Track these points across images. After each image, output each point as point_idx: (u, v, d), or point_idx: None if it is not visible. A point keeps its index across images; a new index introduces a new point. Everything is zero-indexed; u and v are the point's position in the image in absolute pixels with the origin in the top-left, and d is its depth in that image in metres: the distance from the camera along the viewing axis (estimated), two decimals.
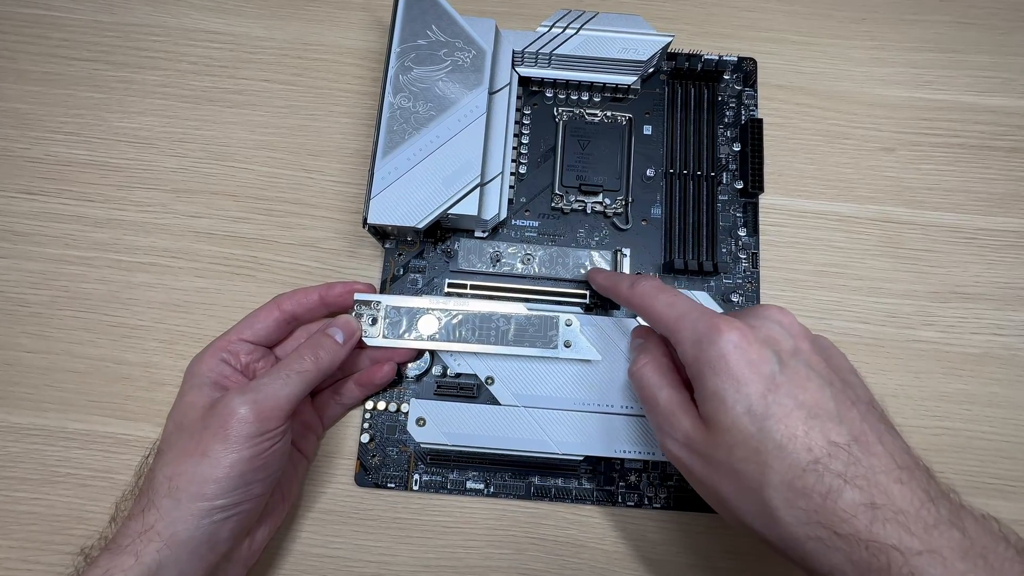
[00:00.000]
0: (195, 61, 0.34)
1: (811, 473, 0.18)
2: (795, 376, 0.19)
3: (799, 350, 0.20)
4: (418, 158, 0.28)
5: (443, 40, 0.30)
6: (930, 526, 0.17)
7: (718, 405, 0.19)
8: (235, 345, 0.26)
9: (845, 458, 0.18)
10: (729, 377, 0.19)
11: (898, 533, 0.17)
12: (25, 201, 0.31)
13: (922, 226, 0.32)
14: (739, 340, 0.19)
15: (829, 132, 0.34)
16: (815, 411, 0.19)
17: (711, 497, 0.21)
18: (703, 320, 0.20)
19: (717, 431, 0.19)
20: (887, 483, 0.17)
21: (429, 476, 0.28)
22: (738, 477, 0.19)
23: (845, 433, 0.18)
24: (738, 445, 0.19)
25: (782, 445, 0.18)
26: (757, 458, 0.18)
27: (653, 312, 0.23)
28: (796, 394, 0.19)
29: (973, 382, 0.30)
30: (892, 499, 0.17)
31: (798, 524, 0.18)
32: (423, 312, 0.28)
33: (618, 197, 0.32)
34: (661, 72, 0.33)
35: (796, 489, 0.18)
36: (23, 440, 0.28)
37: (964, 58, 0.35)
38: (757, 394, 0.19)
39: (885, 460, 0.18)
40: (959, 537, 0.17)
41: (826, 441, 0.18)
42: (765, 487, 0.18)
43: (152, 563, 0.20)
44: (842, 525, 0.17)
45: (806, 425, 0.18)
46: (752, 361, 0.19)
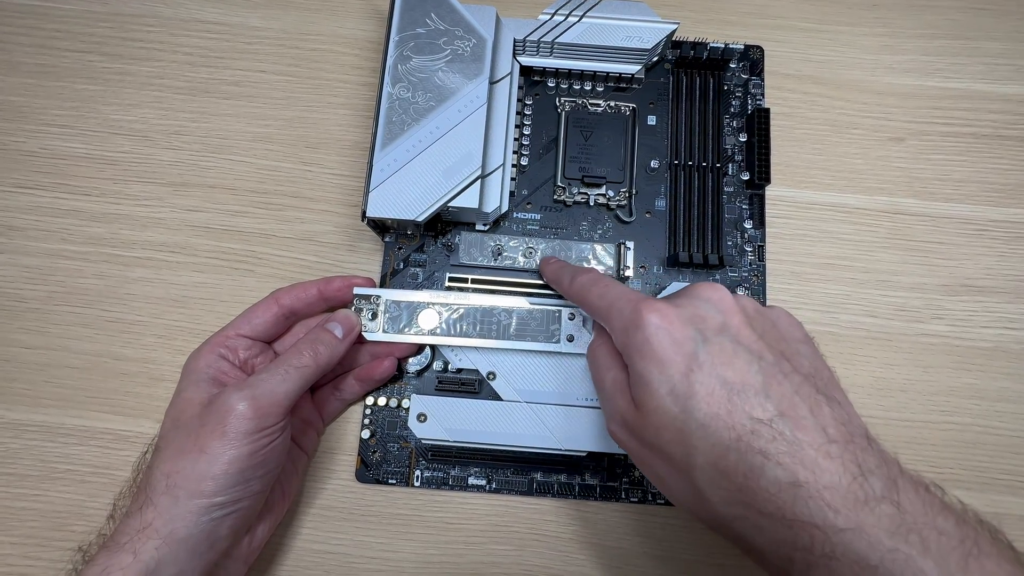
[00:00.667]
0: (191, 52, 0.33)
1: (733, 452, 0.17)
2: (720, 353, 0.19)
3: (727, 326, 0.20)
4: (418, 150, 0.28)
5: (442, 29, 0.29)
6: (859, 502, 0.16)
7: (644, 388, 0.19)
8: (233, 341, 0.25)
9: (768, 434, 0.17)
10: (653, 359, 0.19)
11: (822, 511, 0.16)
12: (21, 195, 0.31)
13: (932, 218, 0.32)
14: (661, 321, 0.19)
15: (837, 122, 0.33)
16: (739, 387, 0.18)
17: (651, 477, 0.21)
18: (629, 306, 0.20)
19: (646, 413, 0.19)
20: (814, 458, 0.17)
21: (430, 472, 0.28)
22: (668, 458, 0.19)
23: (771, 408, 0.18)
24: (664, 427, 0.19)
25: (705, 424, 0.18)
26: (682, 439, 0.18)
27: (588, 304, 0.23)
28: (720, 371, 0.18)
29: (983, 376, 0.30)
30: (818, 475, 0.17)
31: (724, 504, 0.18)
32: (423, 306, 0.27)
33: (621, 189, 0.31)
34: (665, 61, 0.33)
35: (720, 469, 0.18)
36: (22, 436, 0.28)
37: (977, 45, 0.34)
38: (679, 374, 0.18)
39: (814, 433, 0.17)
40: (891, 512, 0.16)
41: (749, 418, 0.18)
42: (692, 468, 0.18)
43: (150, 561, 0.20)
44: (765, 504, 0.17)
45: (729, 403, 0.18)
46: (675, 341, 0.19)
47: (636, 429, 0.20)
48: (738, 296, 0.21)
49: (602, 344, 0.23)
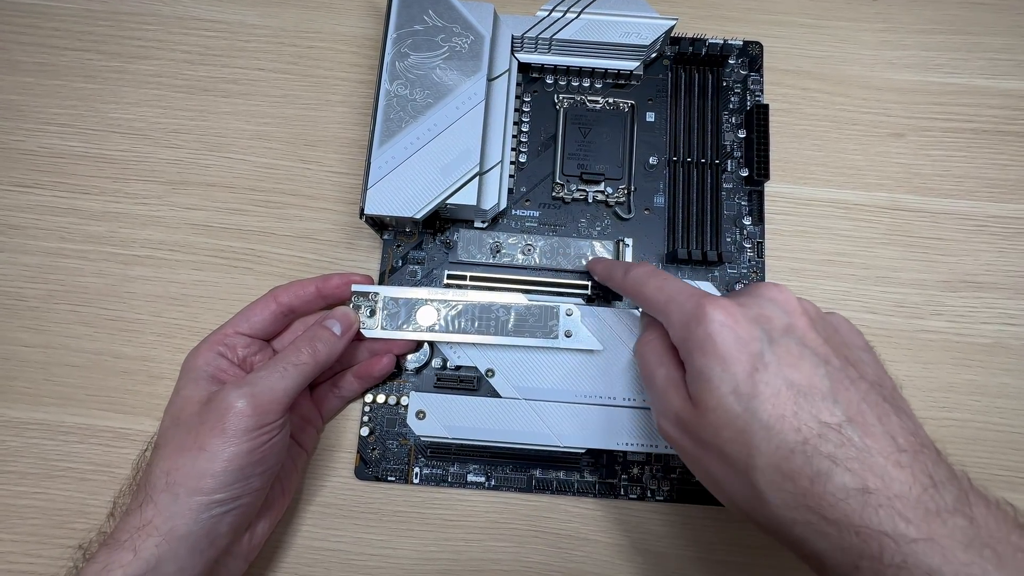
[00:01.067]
0: (189, 50, 0.33)
1: (799, 455, 0.17)
2: (786, 355, 0.18)
3: (793, 327, 0.19)
4: (416, 147, 0.27)
5: (440, 25, 0.29)
6: (931, 513, 0.16)
7: (704, 385, 0.19)
8: (231, 338, 0.25)
9: (836, 439, 0.17)
10: (715, 356, 0.19)
11: (892, 520, 0.16)
12: (20, 194, 0.31)
13: (932, 214, 0.32)
14: (726, 319, 0.19)
15: (837, 118, 0.33)
16: (806, 390, 0.18)
17: (703, 477, 0.20)
18: (691, 301, 0.20)
19: (704, 411, 0.19)
20: (884, 466, 0.16)
21: (430, 469, 0.28)
22: (726, 458, 0.18)
23: (839, 413, 0.17)
24: (724, 426, 0.18)
25: (769, 425, 0.17)
26: (744, 439, 0.18)
27: (644, 297, 0.23)
28: (786, 373, 0.18)
29: (983, 372, 0.30)
30: (888, 483, 0.16)
31: (786, 507, 0.17)
32: (422, 303, 0.27)
33: (620, 186, 0.31)
34: (664, 57, 0.33)
35: (783, 471, 0.17)
36: (23, 434, 0.28)
37: (978, 40, 0.34)
38: (744, 373, 0.18)
39: (884, 441, 0.17)
40: (964, 525, 0.16)
41: (817, 421, 0.17)
42: (752, 469, 0.18)
43: (151, 558, 0.20)
44: (831, 510, 0.16)
45: (795, 405, 0.17)
46: (740, 339, 0.18)
47: (691, 427, 0.19)
48: (801, 299, 0.20)
49: (653, 339, 0.22)
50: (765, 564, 0.27)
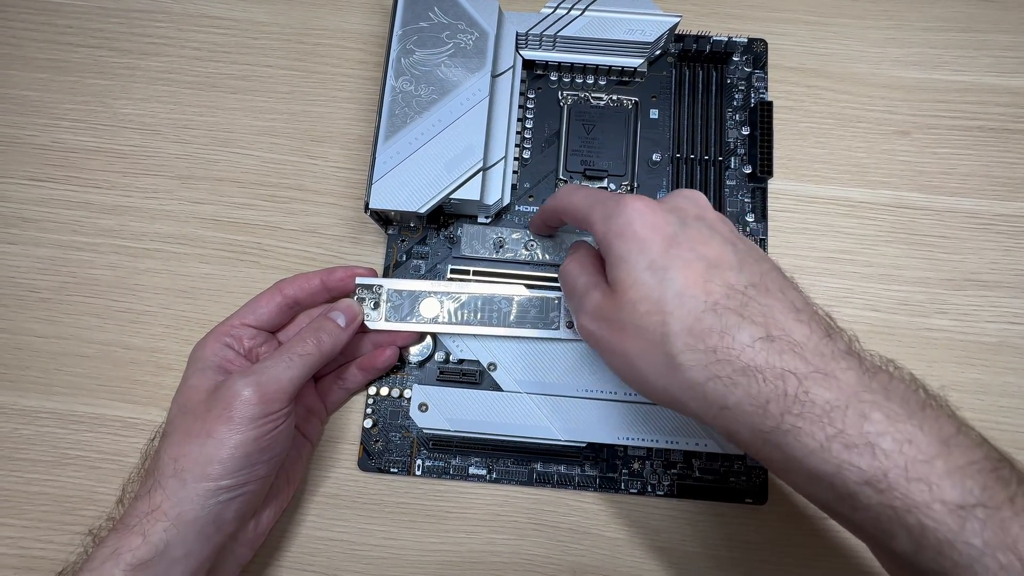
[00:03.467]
0: (198, 47, 0.34)
1: (709, 314, 0.18)
2: (697, 235, 0.20)
3: (703, 216, 0.21)
4: (420, 142, 0.28)
5: (445, 22, 0.29)
6: (826, 355, 0.18)
7: (622, 266, 0.20)
8: (238, 330, 0.26)
9: (741, 299, 0.18)
10: (633, 239, 0.20)
11: (793, 361, 0.17)
12: (33, 188, 0.32)
13: (937, 212, 0.31)
14: (643, 208, 0.20)
15: (842, 115, 0.33)
16: (715, 262, 0.19)
17: (621, 363, 0.21)
18: (612, 198, 0.21)
19: (622, 291, 0.20)
20: (784, 320, 0.18)
21: (432, 462, 0.28)
22: (642, 333, 0.19)
23: (744, 279, 0.19)
24: (641, 300, 0.19)
25: (681, 292, 0.19)
26: (658, 308, 0.19)
27: (573, 206, 0.24)
28: (697, 248, 0.19)
29: (987, 371, 0.30)
30: (789, 332, 0.18)
31: (698, 367, 0.18)
32: (425, 295, 0.27)
33: (623, 182, 0.31)
34: (668, 54, 0.33)
35: (695, 332, 0.18)
36: (35, 423, 0.29)
37: (984, 38, 0.34)
38: (658, 250, 0.19)
39: (784, 304, 0.19)
40: (855, 364, 0.18)
41: (724, 285, 0.19)
42: (667, 337, 0.19)
43: (159, 542, 0.21)
44: (739, 359, 0.18)
45: (706, 273, 0.19)
46: (655, 224, 0.20)
47: (609, 313, 0.20)
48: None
49: (572, 259, 0.24)
50: (763, 559, 0.28)
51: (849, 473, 0.16)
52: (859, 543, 0.27)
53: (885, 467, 0.16)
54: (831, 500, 0.17)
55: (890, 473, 0.16)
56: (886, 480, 0.16)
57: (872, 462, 0.16)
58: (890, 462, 0.16)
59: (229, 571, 0.24)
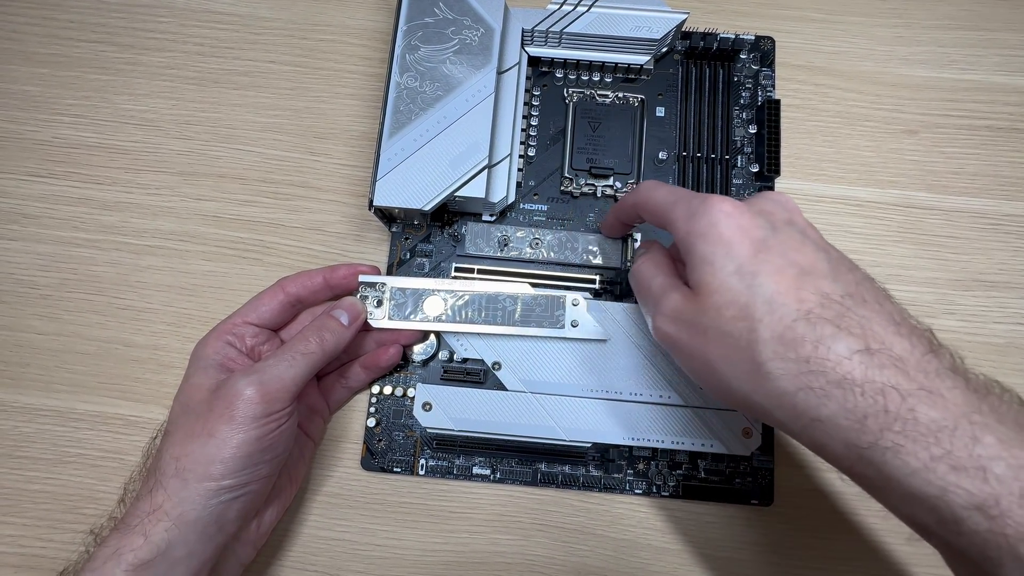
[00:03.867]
0: (201, 42, 0.33)
1: (802, 322, 0.17)
2: (788, 240, 0.19)
3: (793, 221, 0.20)
4: (425, 139, 0.28)
5: (451, 18, 0.29)
6: (931, 372, 0.17)
7: (707, 268, 0.19)
8: (240, 328, 0.26)
9: (838, 309, 0.17)
10: (719, 241, 0.19)
11: (895, 376, 0.16)
12: (34, 183, 0.31)
13: (945, 212, 0.31)
14: (731, 209, 0.19)
15: (849, 114, 0.32)
16: (808, 269, 0.18)
17: (701, 368, 0.20)
18: (697, 197, 0.21)
19: (706, 295, 0.19)
20: (883, 332, 0.17)
21: (435, 461, 0.28)
22: (727, 338, 0.19)
23: (839, 289, 0.18)
24: (727, 305, 0.18)
25: (771, 299, 0.18)
26: (746, 314, 0.18)
27: (654, 202, 0.23)
28: (788, 254, 0.19)
29: (995, 373, 0.29)
30: (889, 346, 0.17)
31: (788, 377, 0.17)
32: (429, 293, 0.27)
33: (629, 180, 0.31)
34: (675, 52, 0.32)
35: (787, 341, 0.17)
36: (35, 420, 0.29)
37: (994, 36, 0.33)
38: (746, 255, 0.19)
39: (882, 316, 0.18)
40: (962, 383, 0.17)
41: (819, 294, 0.18)
42: (755, 343, 0.18)
43: (161, 542, 0.20)
44: (835, 370, 0.17)
45: (798, 281, 0.18)
46: (743, 227, 0.19)
47: (691, 316, 0.20)
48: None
49: (646, 259, 0.23)
50: (769, 561, 0.27)
51: (956, 496, 0.15)
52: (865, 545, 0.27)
53: (998, 493, 0.15)
54: (932, 523, 0.16)
55: (1003, 499, 0.15)
56: (998, 506, 0.15)
57: (983, 487, 0.15)
58: (1003, 488, 0.15)
59: (231, 571, 0.24)
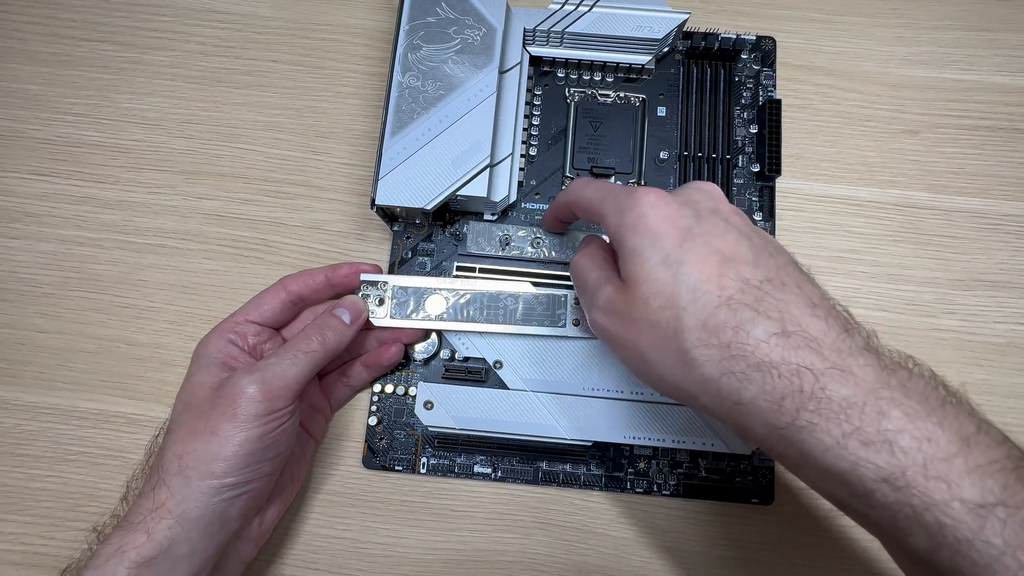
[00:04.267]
0: (203, 41, 0.33)
1: (723, 309, 0.18)
2: (712, 228, 0.20)
3: (718, 210, 0.20)
4: (427, 138, 0.28)
5: (453, 18, 0.29)
6: (844, 352, 0.17)
7: (636, 260, 0.20)
8: (242, 326, 0.26)
9: (757, 294, 0.18)
10: (646, 233, 0.20)
11: (810, 357, 0.17)
12: (36, 182, 0.31)
13: (946, 211, 0.31)
14: (657, 201, 0.20)
15: (850, 114, 0.33)
16: (730, 256, 0.19)
17: (633, 358, 0.20)
18: (624, 191, 0.21)
19: (635, 285, 0.20)
20: (800, 315, 0.18)
21: (436, 460, 0.28)
22: (655, 328, 0.19)
23: (760, 274, 0.19)
24: (654, 295, 0.19)
25: (695, 287, 0.18)
26: (672, 303, 0.19)
27: (585, 199, 0.23)
28: (712, 242, 0.19)
29: (996, 372, 0.29)
30: (805, 328, 0.18)
31: (712, 363, 0.18)
32: (430, 292, 0.27)
33: (630, 180, 0.31)
34: (676, 52, 0.32)
35: (709, 327, 0.18)
36: (37, 419, 0.29)
37: (994, 37, 0.33)
38: (672, 244, 0.19)
39: (800, 298, 0.18)
40: (873, 361, 0.17)
41: (739, 279, 0.18)
42: (681, 332, 0.18)
43: (164, 540, 0.21)
44: (754, 355, 0.17)
45: (720, 268, 0.19)
46: (669, 217, 0.20)
47: (622, 307, 0.20)
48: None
49: (584, 254, 0.24)
50: (770, 560, 0.27)
51: (866, 470, 0.16)
52: (866, 544, 0.27)
53: (903, 464, 0.16)
54: (846, 497, 0.17)
55: (908, 471, 0.16)
56: (904, 478, 0.16)
57: (890, 459, 0.16)
58: (908, 460, 0.16)
59: (233, 568, 0.24)
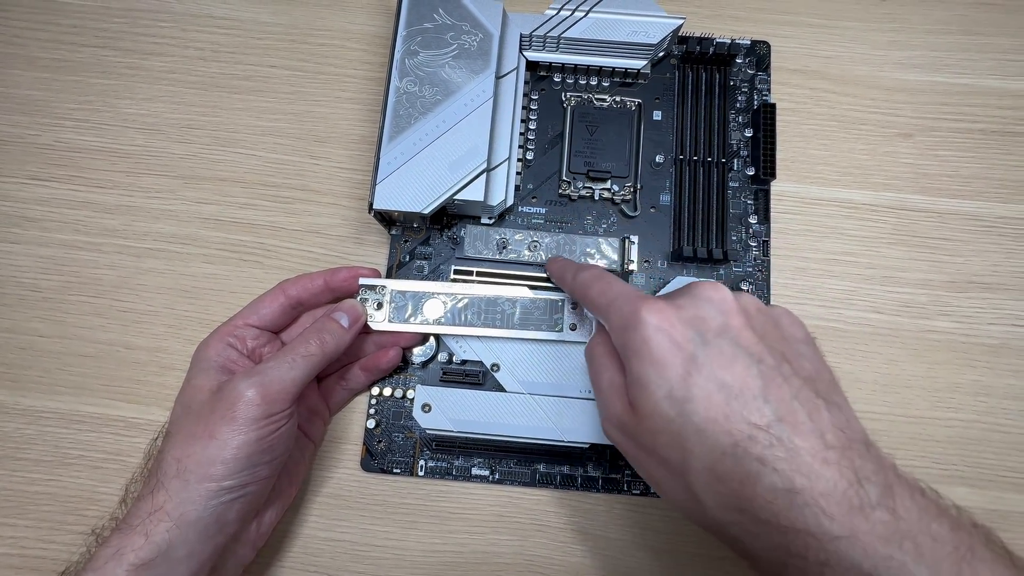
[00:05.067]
0: (202, 47, 0.34)
1: (730, 457, 0.17)
2: (718, 356, 0.18)
3: (727, 327, 0.19)
4: (424, 143, 0.28)
5: (450, 23, 0.29)
6: (854, 509, 0.16)
7: (641, 390, 0.19)
8: (241, 330, 0.26)
9: (766, 440, 0.17)
10: (651, 361, 0.19)
11: (816, 518, 0.16)
12: (36, 187, 0.32)
13: (939, 214, 0.32)
14: (660, 323, 0.19)
15: (845, 117, 0.33)
16: (738, 392, 0.18)
17: (646, 477, 0.20)
18: (628, 305, 0.20)
19: (642, 416, 0.19)
20: (811, 464, 0.17)
21: (434, 462, 0.28)
22: (663, 462, 0.19)
23: (769, 413, 0.17)
24: (661, 431, 0.19)
25: (702, 429, 0.18)
26: (678, 443, 0.18)
27: (589, 300, 0.23)
28: (718, 374, 0.18)
29: (989, 373, 0.30)
30: (814, 482, 0.17)
31: (720, 508, 0.18)
32: (428, 296, 0.27)
33: (626, 184, 0.31)
34: (671, 56, 0.33)
35: (716, 474, 0.17)
36: (37, 422, 0.29)
37: (987, 41, 0.34)
38: (677, 377, 0.18)
39: (812, 439, 0.17)
40: (886, 519, 0.16)
41: (747, 423, 0.17)
42: (688, 472, 0.18)
43: (162, 542, 0.21)
44: (761, 511, 0.17)
45: (727, 407, 0.18)
46: (674, 343, 0.19)
47: (631, 431, 0.20)
48: (739, 295, 0.20)
49: (600, 343, 0.23)
50: None
51: None
52: None
53: None
54: None
55: None
56: None
57: None
58: None
59: (231, 571, 0.24)
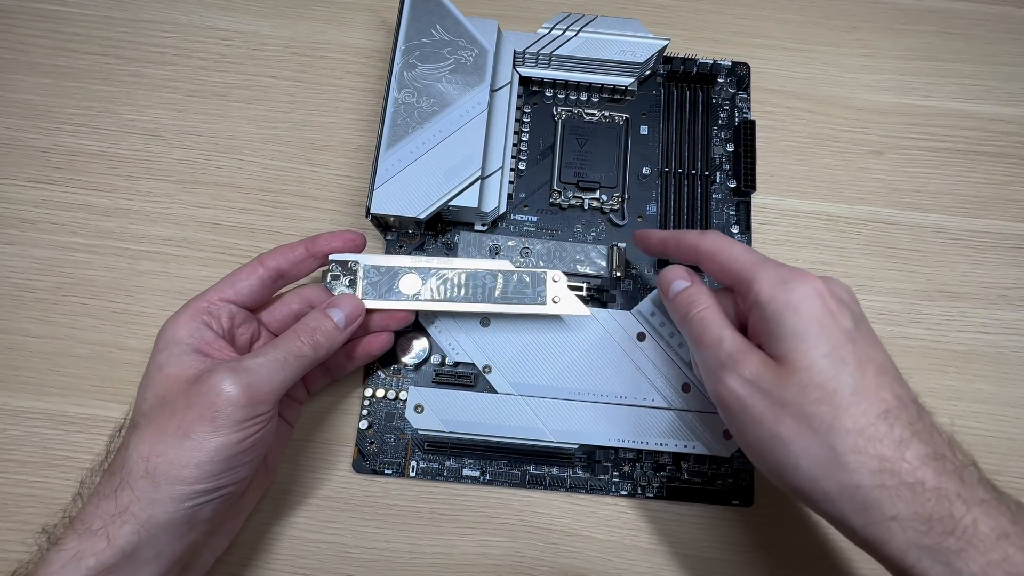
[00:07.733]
0: (204, 57, 0.34)
1: (883, 422, 0.18)
2: (868, 337, 0.20)
3: (864, 317, 0.21)
4: (420, 151, 0.29)
5: (447, 39, 0.31)
6: (974, 483, 0.18)
7: (798, 344, 0.20)
8: (216, 306, 0.23)
9: (912, 412, 0.19)
10: (812, 320, 0.20)
11: (958, 485, 0.18)
12: (33, 189, 0.32)
13: (910, 227, 0.33)
14: (822, 289, 0.20)
15: (820, 135, 0.35)
16: (883, 369, 0.20)
17: (766, 439, 0.20)
18: (785, 266, 0.21)
19: (792, 370, 0.19)
20: (941, 441, 0.19)
21: (426, 463, 0.29)
22: (806, 418, 0.19)
23: (909, 393, 0.20)
24: (813, 386, 0.19)
25: (858, 391, 0.19)
26: (832, 400, 0.19)
27: (729, 255, 0.23)
28: (868, 351, 0.20)
29: (960, 378, 0.31)
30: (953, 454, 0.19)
31: (863, 471, 0.18)
32: (404, 271, 0.26)
33: (615, 194, 0.32)
34: (657, 75, 0.34)
35: (868, 436, 0.18)
36: (24, 423, 0.29)
37: (950, 66, 0.36)
38: (838, 341, 0.19)
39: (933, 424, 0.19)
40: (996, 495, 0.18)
41: (894, 395, 0.19)
42: (835, 430, 0.18)
43: (127, 545, 0.19)
44: (913, 473, 0.18)
45: (877, 379, 0.19)
46: (832, 312, 0.20)
47: (770, 386, 0.20)
48: None
49: (708, 307, 0.23)
50: (752, 561, 0.28)
51: None
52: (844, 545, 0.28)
53: None
54: None
55: None
56: None
57: None
58: None
59: (203, 563, 0.23)
